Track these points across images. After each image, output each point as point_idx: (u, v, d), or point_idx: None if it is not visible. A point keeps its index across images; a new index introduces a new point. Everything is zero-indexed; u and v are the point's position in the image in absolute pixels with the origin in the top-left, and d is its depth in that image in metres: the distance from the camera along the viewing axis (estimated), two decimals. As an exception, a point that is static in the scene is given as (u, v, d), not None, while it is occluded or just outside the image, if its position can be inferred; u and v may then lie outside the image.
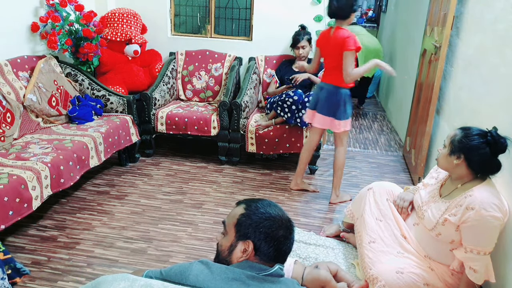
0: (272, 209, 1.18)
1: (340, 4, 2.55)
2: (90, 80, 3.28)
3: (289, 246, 1.19)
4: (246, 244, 1.13)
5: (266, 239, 1.13)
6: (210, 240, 2.42)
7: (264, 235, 1.13)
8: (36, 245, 2.30)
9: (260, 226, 1.14)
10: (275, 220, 1.15)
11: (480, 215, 1.65)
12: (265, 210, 1.16)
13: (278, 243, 1.15)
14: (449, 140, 1.81)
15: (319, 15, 3.60)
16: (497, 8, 2.21)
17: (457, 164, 1.78)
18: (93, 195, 2.87)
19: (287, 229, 1.17)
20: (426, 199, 2.00)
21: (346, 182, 3.27)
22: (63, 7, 3.10)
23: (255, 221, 1.14)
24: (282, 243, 1.16)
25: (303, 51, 3.38)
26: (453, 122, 2.68)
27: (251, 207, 1.17)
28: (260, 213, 1.15)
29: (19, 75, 2.82)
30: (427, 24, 3.45)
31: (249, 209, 1.17)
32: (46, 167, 2.30)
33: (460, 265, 1.80)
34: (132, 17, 3.64)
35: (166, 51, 3.90)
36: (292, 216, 2.73)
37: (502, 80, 2.04)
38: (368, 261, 1.97)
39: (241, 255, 1.13)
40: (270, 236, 1.13)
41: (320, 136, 2.97)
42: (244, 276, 1.04)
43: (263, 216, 1.15)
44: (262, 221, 1.14)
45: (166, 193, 2.96)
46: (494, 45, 2.20)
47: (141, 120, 3.43)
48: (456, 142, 1.77)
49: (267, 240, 1.13)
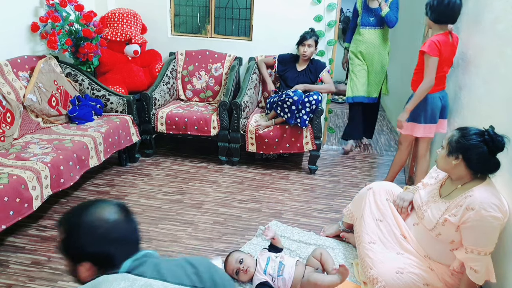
0: (88, 216, 1.02)
1: (455, 8, 2.42)
2: (90, 80, 3.28)
3: (129, 234, 1.05)
4: (84, 266, 1.01)
5: (100, 251, 1.00)
6: (210, 240, 2.42)
7: (95, 249, 0.99)
8: (36, 245, 2.30)
9: (85, 245, 0.99)
10: (96, 229, 1.00)
11: (480, 216, 1.65)
12: (81, 222, 1.01)
13: (118, 244, 1.02)
14: (447, 141, 1.81)
15: (319, 15, 3.60)
16: (497, 8, 2.21)
17: (455, 164, 1.78)
18: (93, 195, 2.87)
19: (115, 224, 1.02)
20: (425, 199, 2.00)
21: (346, 182, 3.27)
22: (63, 7, 3.10)
23: (79, 243, 1.00)
24: (120, 241, 1.02)
25: (308, 49, 3.36)
26: (453, 122, 2.68)
27: (68, 229, 1.03)
28: (78, 230, 1.01)
29: (19, 75, 2.82)
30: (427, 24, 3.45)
31: (68, 231, 1.03)
32: (46, 167, 2.30)
33: (460, 265, 1.80)
34: (132, 17, 3.64)
35: (166, 51, 3.90)
36: (292, 216, 2.73)
37: (502, 80, 2.04)
38: (369, 261, 1.97)
39: (89, 275, 1.01)
40: (103, 246, 1.00)
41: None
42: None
43: (81, 232, 1.00)
44: (85, 237, 1.00)
45: (166, 193, 2.96)
46: (494, 45, 2.20)
47: (141, 120, 3.43)
48: (454, 143, 1.77)
49: (102, 251, 1.00)
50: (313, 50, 3.40)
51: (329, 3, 3.56)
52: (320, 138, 3.30)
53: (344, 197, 3.01)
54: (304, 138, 3.25)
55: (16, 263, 2.14)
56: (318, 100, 3.16)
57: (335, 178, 3.35)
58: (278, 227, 2.55)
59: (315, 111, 3.18)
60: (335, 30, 3.64)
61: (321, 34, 3.62)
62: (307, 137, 3.25)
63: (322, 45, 3.67)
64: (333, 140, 4.28)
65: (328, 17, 3.61)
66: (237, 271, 2.01)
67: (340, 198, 3.00)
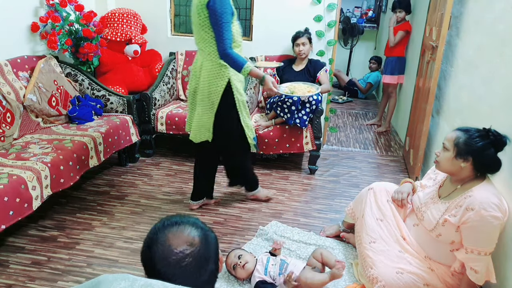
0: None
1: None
2: (90, 80, 3.28)
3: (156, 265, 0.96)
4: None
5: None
6: (210, 240, 2.41)
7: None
8: (36, 245, 2.30)
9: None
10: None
11: (480, 216, 1.65)
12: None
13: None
14: (452, 143, 1.78)
15: (319, 15, 3.60)
16: (497, 8, 2.21)
17: (464, 166, 1.77)
18: (93, 195, 2.87)
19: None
20: (424, 200, 1.99)
21: (346, 182, 3.27)
22: (63, 7, 3.10)
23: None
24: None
25: (303, 48, 3.37)
26: (453, 122, 2.68)
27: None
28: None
29: (19, 75, 2.82)
30: (426, 24, 3.45)
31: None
32: (46, 167, 2.30)
33: (461, 266, 1.80)
34: (132, 17, 3.64)
35: (166, 51, 3.90)
36: (292, 216, 2.73)
37: (502, 80, 2.04)
38: (369, 261, 1.97)
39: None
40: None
41: None
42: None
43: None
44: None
45: (166, 193, 2.96)
46: (494, 45, 2.20)
47: (141, 120, 3.43)
48: (462, 145, 1.74)
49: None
50: (308, 48, 3.40)
51: (329, 3, 3.56)
52: (320, 138, 3.30)
53: (344, 197, 3.01)
54: (304, 138, 3.25)
55: (16, 263, 2.14)
56: (318, 100, 3.16)
57: (335, 178, 3.34)
58: (278, 227, 2.55)
59: (315, 111, 3.18)
60: (335, 30, 3.64)
61: (321, 34, 3.62)
62: (307, 137, 3.25)
63: (322, 45, 3.67)
64: (333, 140, 4.28)
65: (328, 17, 3.61)
66: (234, 266, 2.02)
67: (340, 198, 3.00)
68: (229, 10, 2.23)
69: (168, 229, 0.98)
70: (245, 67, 2.27)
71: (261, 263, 2.02)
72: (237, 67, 2.28)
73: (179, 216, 1.03)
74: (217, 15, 2.19)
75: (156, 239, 0.97)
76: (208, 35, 2.28)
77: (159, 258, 0.94)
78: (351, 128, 4.74)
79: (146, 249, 0.98)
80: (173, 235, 0.96)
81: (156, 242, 0.96)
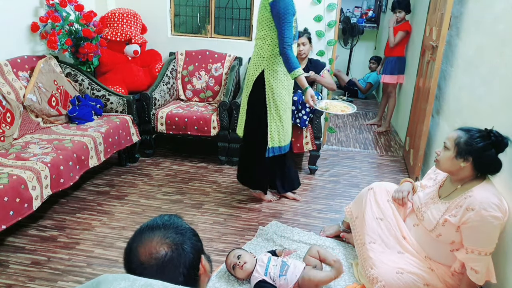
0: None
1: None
2: (90, 80, 3.28)
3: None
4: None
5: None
6: (210, 240, 2.42)
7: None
8: (36, 245, 2.30)
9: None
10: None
11: (480, 216, 1.65)
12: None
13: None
14: (453, 143, 1.78)
15: (319, 15, 3.60)
16: (497, 8, 2.21)
17: (463, 166, 1.77)
18: (93, 195, 2.87)
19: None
20: (424, 200, 1.99)
21: (346, 182, 3.27)
22: (63, 7, 3.10)
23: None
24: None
25: (303, 47, 3.36)
26: (453, 122, 2.68)
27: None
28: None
29: (19, 75, 2.82)
30: (426, 24, 3.45)
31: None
32: (46, 167, 2.29)
33: (461, 266, 1.80)
34: (132, 17, 3.64)
35: (166, 51, 3.90)
36: (292, 216, 2.73)
37: (502, 80, 2.04)
38: (369, 261, 1.97)
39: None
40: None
41: None
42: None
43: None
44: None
45: (166, 193, 2.96)
46: (494, 45, 2.20)
47: (141, 120, 3.43)
48: (463, 145, 1.74)
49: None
50: (308, 47, 3.39)
51: (329, 3, 3.56)
52: (320, 138, 3.30)
53: (344, 197, 3.01)
54: (304, 138, 3.25)
55: (16, 263, 2.14)
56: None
57: (335, 178, 3.34)
58: (278, 227, 2.55)
59: (315, 111, 3.18)
60: (335, 30, 3.64)
61: (321, 34, 3.62)
62: (307, 137, 3.25)
63: (322, 45, 3.67)
64: (333, 140, 4.28)
65: (328, 17, 3.61)
66: (234, 266, 2.02)
67: (340, 198, 3.00)
68: (291, 11, 2.34)
69: (142, 234, 1.00)
70: (296, 71, 2.38)
71: (261, 263, 2.02)
72: (289, 67, 2.40)
73: (160, 218, 1.05)
74: (280, 14, 2.31)
75: (131, 242, 1.00)
76: (263, 31, 2.44)
77: (128, 260, 0.99)
78: (351, 128, 4.75)
79: (124, 253, 1.01)
80: (143, 241, 0.98)
81: (129, 246, 1.00)
